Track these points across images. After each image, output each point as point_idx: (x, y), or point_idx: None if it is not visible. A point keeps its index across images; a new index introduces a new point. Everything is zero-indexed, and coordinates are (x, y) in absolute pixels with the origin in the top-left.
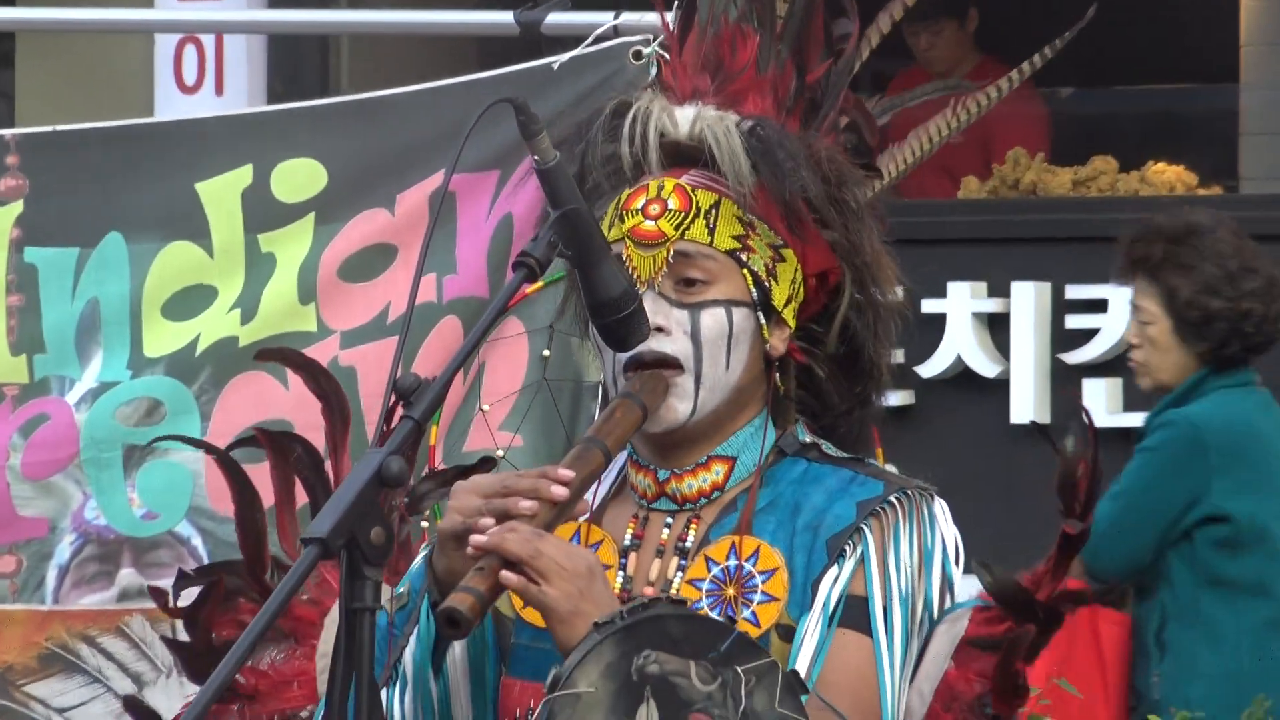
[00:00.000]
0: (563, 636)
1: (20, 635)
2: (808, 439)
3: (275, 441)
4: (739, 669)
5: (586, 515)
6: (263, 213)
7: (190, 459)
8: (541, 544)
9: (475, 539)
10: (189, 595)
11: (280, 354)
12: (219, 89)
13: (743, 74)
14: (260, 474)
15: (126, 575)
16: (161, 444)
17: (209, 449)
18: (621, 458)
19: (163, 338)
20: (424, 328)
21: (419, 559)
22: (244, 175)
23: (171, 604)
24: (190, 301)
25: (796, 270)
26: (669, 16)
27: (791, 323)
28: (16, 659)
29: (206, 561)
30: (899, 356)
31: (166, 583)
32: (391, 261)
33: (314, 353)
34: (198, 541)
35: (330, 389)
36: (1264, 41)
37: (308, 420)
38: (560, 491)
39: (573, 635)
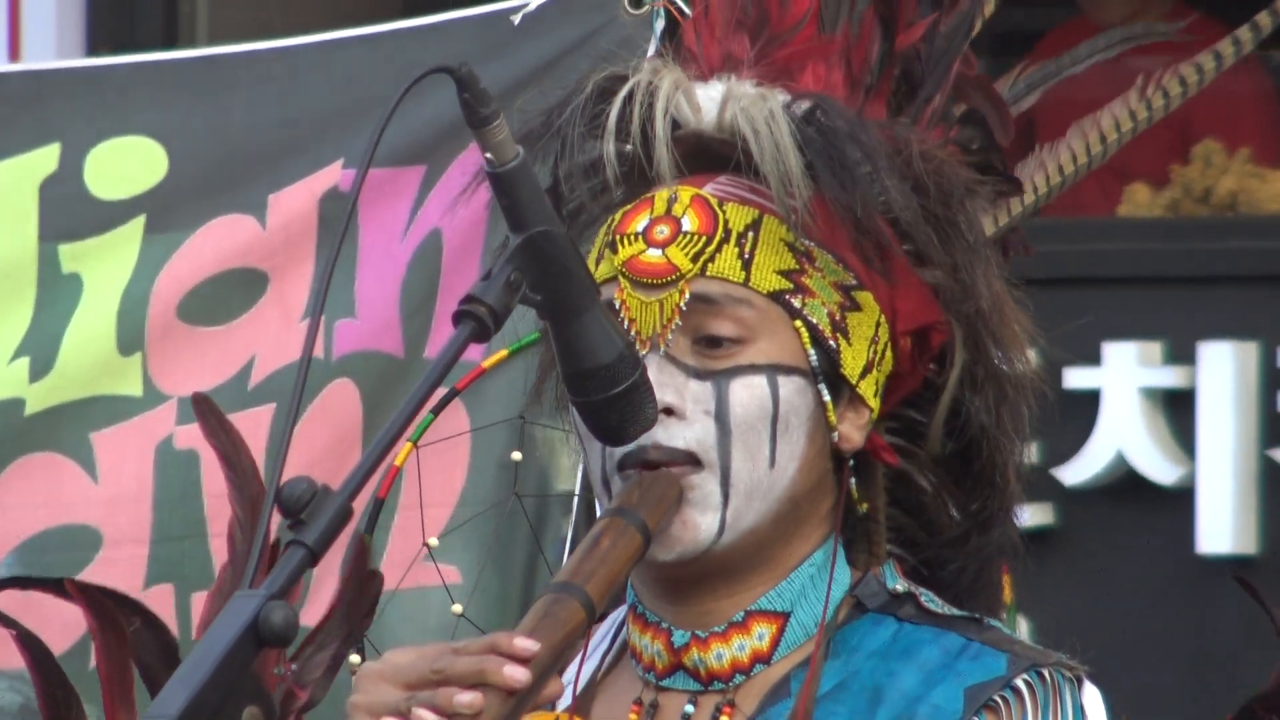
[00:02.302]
0: None
1: None
2: (900, 586)
3: (97, 603)
4: None
5: (565, 702)
6: (69, 214)
7: None
8: None
9: None
10: None
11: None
12: (13, 50)
13: (797, 34)
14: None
15: None
16: None
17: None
18: (620, 610)
19: None
20: (304, 395)
21: None
22: (47, 158)
23: None
24: None
25: (880, 324)
26: None
27: (873, 403)
28: None
29: None
30: (1033, 455)
31: None
32: (259, 295)
33: (138, 429)
34: None
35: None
36: None
37: (121, 530)
38: (516, 676)
39: None
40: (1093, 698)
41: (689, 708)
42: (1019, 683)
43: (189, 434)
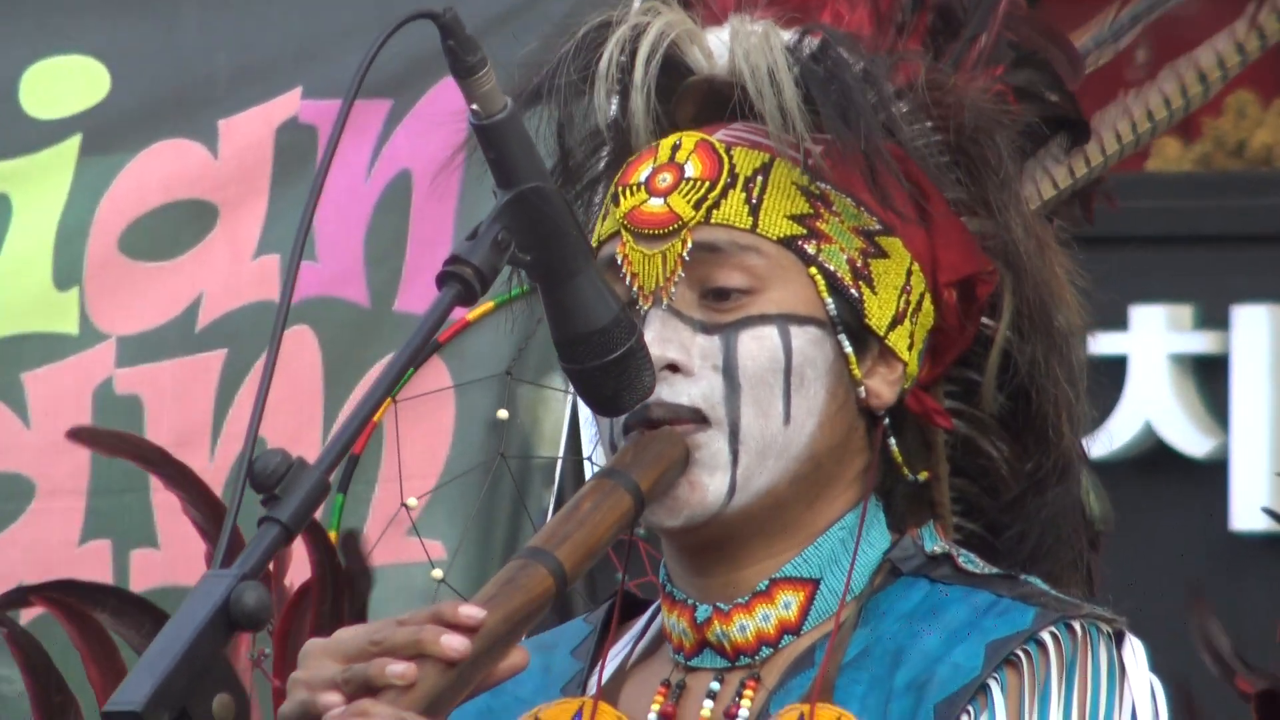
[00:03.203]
0: None
1: None
2: (939, 548)
3: (60, 604)
4: None
5: (587, 692)
6: (5, 134)
7: None
8: None
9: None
10: None
11: (95, 436)
12: None
13: None
14: None
15: None
16: None
17: None
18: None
19: None
20: (260, 343)
21: None
22: None
23: None
24: None
25: (913, 273)
26: None
27: (907, 356)
28: None
29: None
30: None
31: None
32: (209, 228)
33: (73, 370)
34: None
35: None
36: None
37: (55, 480)
38: (453, 645)
39: None
40: (1134, 652)
41: (715, 685)
42: (1044, 635)
43: (131, 377)
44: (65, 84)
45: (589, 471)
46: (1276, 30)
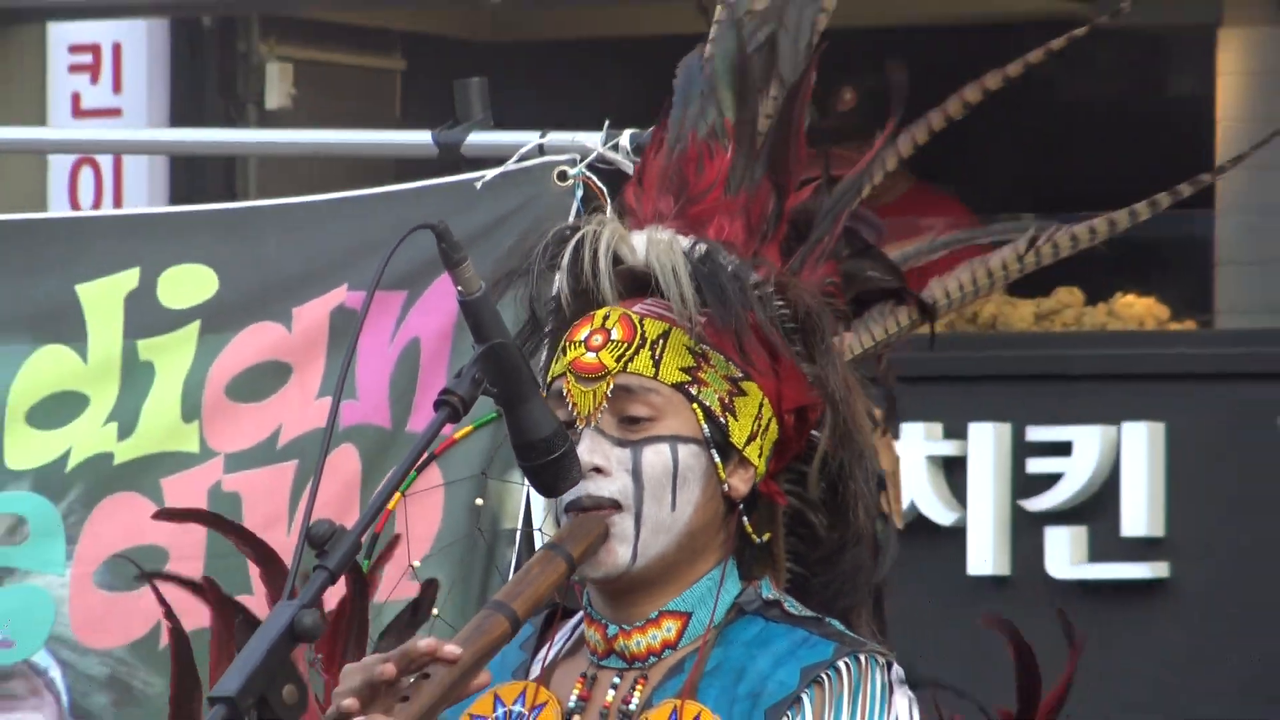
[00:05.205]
0: None
1: None
2: (771, 595)
3: (220, 601)
4: None
5: (530, 676)
6: (145, 319)
7: (54, 583)
8: None
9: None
10: None
11: (187, 515)
12: (116, 201)
13: (708, 195)
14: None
15: None
16: (21, 564)
17: (170, 616)
18: (580, 613)
19: (29, 448)
20: (316, 455)
21: None
22: (130, 278)
23: None
24: (60, 409)
25: (763, 405)
26: (597, 137)
27: (758, 462)
28: None
29: (66, 695)
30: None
31: (21, 718)
32: (285, 381)
33: (195, 477)
34: (56, 674)
35: (268, 557)
36: (1241, 165)
37: (183, 550)
38: (442, 671)
39: None
40: (898, 676)
41: (616, 680)
42: (840, 664)
43: (233, 480)
44: (188, 285)
45: (539, 539)
46: (1048, 254)
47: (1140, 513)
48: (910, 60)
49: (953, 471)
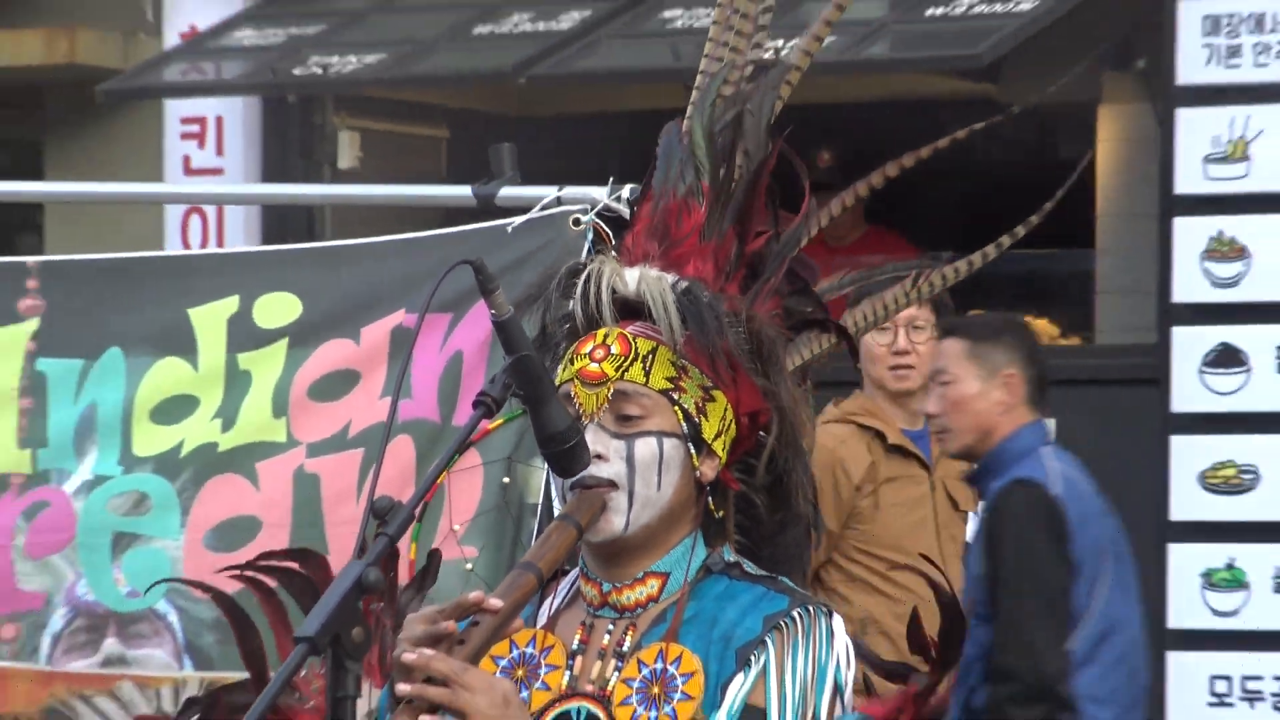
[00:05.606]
0: None
1: (25, 691)
2: (731, 559)
3: (253, 581)
4: None
5: (538, 625)
6: (244, 336)
7: (171, 547)
8: (465, 676)
9: (408, 657)
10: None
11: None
12: (219, 241)
13: (686, 241)
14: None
15: (110, 644)
16: (145, 531)
17: (208, 589)
18: (576, 570)
19: (151, 440)
20: (379, 443)
21: (386, 685)
22: (231, 304)
23: None
24: (176, 409)
25: (727, 410)
26: (603, 191)
27: (722, 454)
28: (22, 710)
29: (181, 635)
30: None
31: (147, 653)
32: (354, 385)
33: (283, 461)
34: (173, 618)
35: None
36: (1115, 214)
37: (273, 518)
38: (487, 622)
39: None
40: (838, 624)
41: (610, 628)
42: (795, 613)
43: (313, 464)
44: (278, 309)
45: (556, 510)
46: (927, 289)
47: None
48: (857, 127)
49: None
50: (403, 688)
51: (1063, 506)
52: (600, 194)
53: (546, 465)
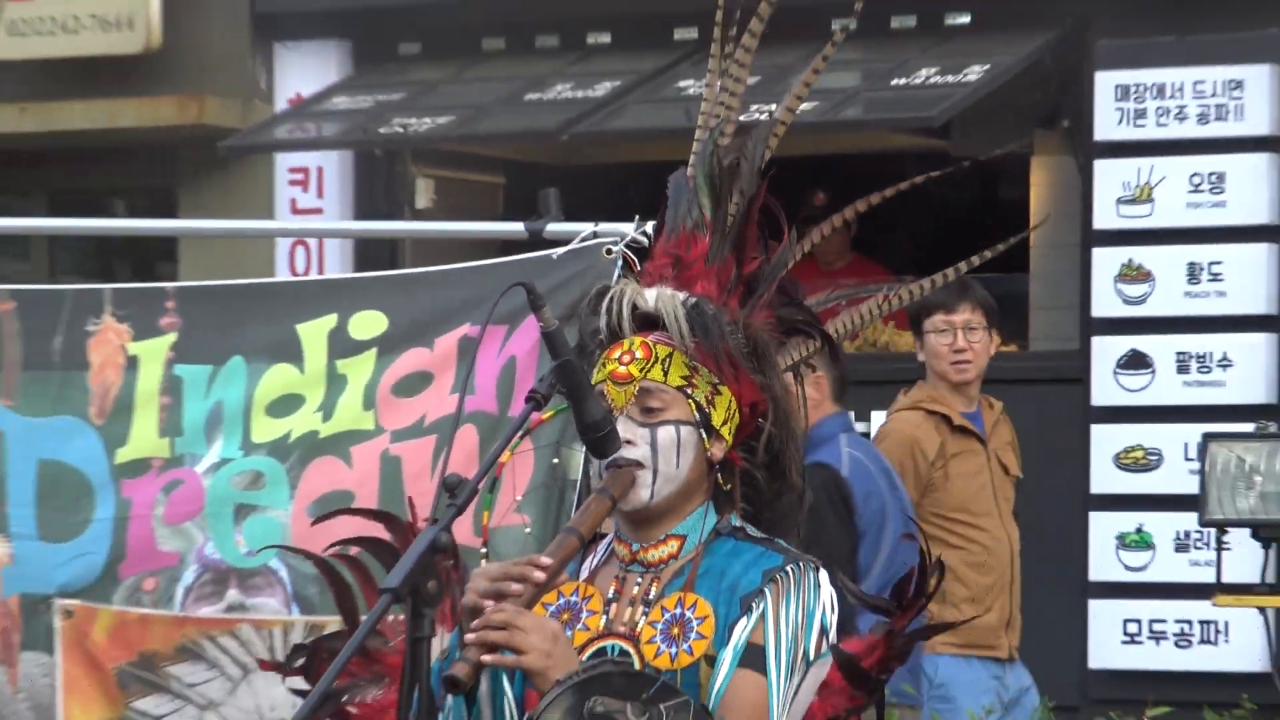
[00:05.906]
0: (537, 686)
1: (162, 633)
2: (737, 523)
3: (393, 526)
4: (663, 706)
5: (580, 578)
6: (341, 346)
7: (281, 515)
8: (520, 619)
9: (473, 602)
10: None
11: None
12: (320, 269)
13: (694, 265)
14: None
15: (232, 594)
16: (261, 502)
17: (312, 556)
18: (611, 534)
19: (266, 430)
20: (449, 431)
21: (455, 629)
22: (330, 320)
23: (289, 666)
24: (286, 405)
25: (731, 402)
26: (630, 226)
27: (728, 438)
28: (160, 648)
29: (290, 587)
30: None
31: (263, 601)
32: (429, 384)
33: (372, 445)
34: (284, 573)
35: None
36: (1045, 245)
37: (366, 492)
38: (539, 575)
39: (544, 686)
40: (824, 577)
41: (639, 580)
42: (788, 568)
43: (397, 448)
44: (367, 324)
45: (594, 485)
46: (895, 303)
47: None
48: (836, 174)
49: None
50: (470, 633)
51: (849, 485)
52: (628, 229)
53: (585, 449)
